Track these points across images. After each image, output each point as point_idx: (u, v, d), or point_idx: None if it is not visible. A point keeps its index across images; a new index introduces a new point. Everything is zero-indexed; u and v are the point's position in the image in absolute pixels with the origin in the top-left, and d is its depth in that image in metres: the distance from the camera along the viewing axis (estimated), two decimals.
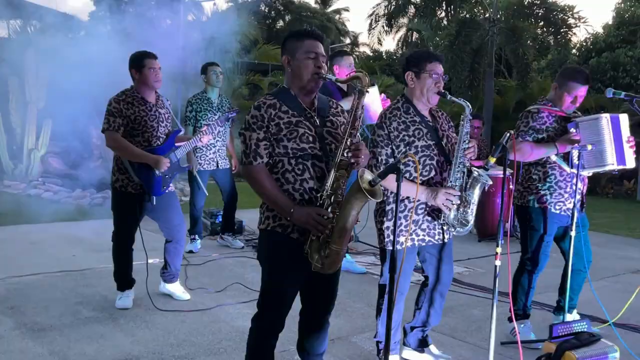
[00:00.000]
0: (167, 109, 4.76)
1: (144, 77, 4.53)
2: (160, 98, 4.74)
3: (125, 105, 4.47)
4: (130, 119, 4.48)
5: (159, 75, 4.57)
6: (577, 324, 3.52)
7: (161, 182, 4.59)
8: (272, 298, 2.93)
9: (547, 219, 4.12)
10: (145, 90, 4.58)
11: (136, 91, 4.57)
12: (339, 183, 2.77)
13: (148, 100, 4.59)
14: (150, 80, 4.53)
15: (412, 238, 3.47)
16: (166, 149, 4.64)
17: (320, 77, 2.89)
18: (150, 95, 4.63)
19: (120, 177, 4.57)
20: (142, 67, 4.52)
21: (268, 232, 2.88)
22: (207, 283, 5.38)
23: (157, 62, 4.59)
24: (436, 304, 3.76)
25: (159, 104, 4.69)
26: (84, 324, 4.32)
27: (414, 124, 3.45)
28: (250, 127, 2.81)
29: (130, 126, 4.49)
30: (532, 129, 4.09)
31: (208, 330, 4.26)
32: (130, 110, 4.48)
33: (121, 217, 4.68)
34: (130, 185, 4.54)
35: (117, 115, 4.44)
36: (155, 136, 4.59)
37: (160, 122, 4.64)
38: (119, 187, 4.59)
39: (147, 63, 4.52)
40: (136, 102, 4.52)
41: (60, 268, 5.73)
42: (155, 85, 4.58)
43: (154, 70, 4.53)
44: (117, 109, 4.45)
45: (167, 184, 4.66)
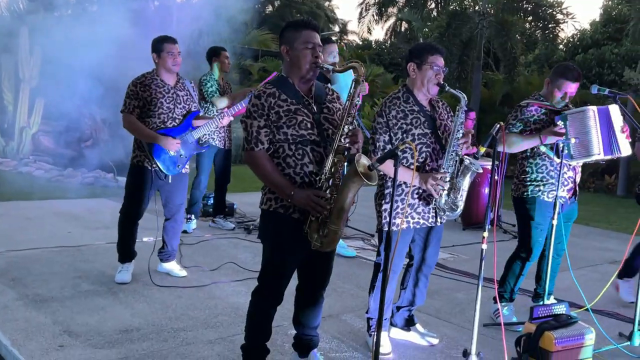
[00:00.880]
0: (188, 90, 4.94)
1: (162, 61, 4.76)
2: (181, 81, 4.93)
3: (141, 87, 4.70)
4: (147, 100, 4.69)
5: (177, 59, 4.77)
6: (556, 306, 3.73)
7: (177, 162, 4.79)
8: (273, 273, 3.12)
9: (540, 208, 4.33)
10: (164, 73, 4.80)
11: (156, 74, 4.80)
12: (337, 167, 2.96)
13: (167, 83, 4.79)
14: (168, 64, 4.75)
15: (408, 220, 3.67)
16: (182, 130, 4.82)
17: (317, 67, 3.06)
18: (170, 78, 4.83)
19: (139, 153, 4.79)
20: (161, 51, 4.74)
21: (270, 213, 3.06)
22: (201, 262, 5.55)
23: (177, 47, 4.79)
24: (421, 284, 3.97)
25: (178, 86, 4.88)
26: (85, 297, 4.48)
27: (413, 113, 3.63)
28: (252, 115, 2.98)
29: (147, 107, 4.70)
30: (520, 121, 4.30)
31: (204, 306, 4.43)
32: (147, 92, 4.69)
33: (133, 191, 4.86)
34: (147, 161, 4.74)
35: (133, 98, 4.68)
36: (172, 117, 4.77)
37: (178, 104, 4.82)
38: (136, 162, 4.80)
39: (165, 47, 4.74)
40: (154, 85, 4.73)
41: (57, 244, 5.87)
42: (173, 69, 4.79)
43: (172, 54, 4.74)
44: (134, 92, 4.69)
45: (182, 163, 4.86)
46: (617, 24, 19.45)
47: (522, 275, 4.54)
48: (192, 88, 5.00)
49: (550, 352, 3.47)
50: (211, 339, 3.83)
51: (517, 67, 17.83)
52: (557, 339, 3.48)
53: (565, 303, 3.81)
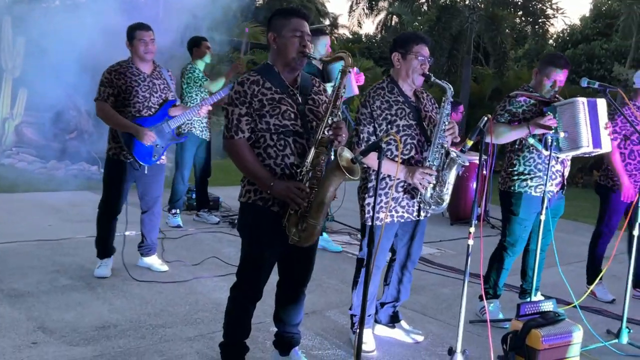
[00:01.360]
0: (165, 79, 4.82)
1: (134, 49, 4.63)
2: (158, 68, 4.81)
3: (116, 75, 4.57)
4: (122, 89, 4.56)
5: (149, 47, 4.64)
6: (543, 303, 3.66)
7: (152, 152, 4.66)
8: (251, 268, 3.03)
9: (526, 203, 4.25)
10: (138, 61, 4.67)
11: (131, 62, 4.67)
12: (319, 160, 2.86)
13: (142, 71, 4.67)
14: (140, 52, 4.62)
15: (392, 215, 3.57)
16: (157, 120, 4.70)
17: (304, 56, 2.96)
18: (145, 66, 4.70)
19: (114, 145, 4.66)
20: (133, 39, 4.62)
21: (249, 205, 2.97)
22: (183, 256, 5.44)
23: (150, 34, 4.65)
24: (405, 279, 3.88)
25: (155, 74, 4.75)
26: (62, 292, 4.36)
27: (397, 104, 3.53)
28: (233, 102, 2.88)
29: (122, 96, 4.57)
30: (508, 112, 4.22)
31: (185, 302, 4.33)
32: (122, 81, 4.56)
33: (110, 185, 4.74)
34: (122, 154, 4.62)
35: (107, 85, 4.55)
36: (147, 106, 4.65)
37: (154, 93, 4.69)
38: (111, 154, 4.67)
39: (137, 35, 4.61)
40: (129, 73, 4.60)
41: (37, 237, 5.73)
42: (145, 57, 4.65)
43: (144, 41, 4.61)
44: (108, 79, 4.56)
45: (158, 154, 4.73)
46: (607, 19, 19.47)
47: (505, 270, 4.47)
48: (170, 77, 4.88)
49: (537, 350, 3.40)
50: (190, 336, 3.73)
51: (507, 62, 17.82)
52: (544, 336, 3.42)
53: (553, 300, 3.75)
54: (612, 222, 5.09)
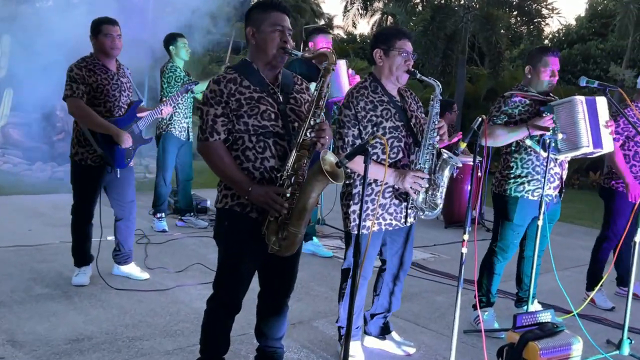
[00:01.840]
0: (128, 77, 4.58)
1: (99, 44, 4.34)
2: (122, 67, 4.56)
3: (87, 72, 4.29)
4: (92, 87, 4.30)
5: (115, 42, 4.36)
6: (541, 313, 3.48)
7: (125, 154, 4.44)
8: (228, 278, 2.84)
9: (522, 209, 4.06)
10: (104, 58, 4.40)
11: (96, 58, 4.39)
12: (300, 163, 2.67)
13: (109, 68, 4.42)
14: (107, 47, 4.34)
15: (379, 222, 3.38)
16: (128, 120, 4.47)
17: (285, 52, 2.77)
18: (111, 63, 4.45)
19: (79, 150, 4.39)
20: (98, 33, 4.34)
21: (226, 211, 2.78)
22: (167, 263, 5.23)
23: (117, 29, 4.39)
24: (396, 289, 3.69)
25: (120, 72, 4.51)
26: (36, 301, 4.15)
27: (382, 104, 3.34)
28: (208, 102, 2.69)
29: (92, 94, 4.31)
30: (504, 113, 4.03)
31: (166, 312, 4.13)
32: (92, 78, 4.30)
33: (80, 191, 4.52)
34: (90, 158, 4.37)
35: (80, 82, 4.26)
36: (118, 106, 4.42)
37: (122, 92, 4.47)
38: (78, 160, 4.41)
39: (103, 29, 4.33)
40: (97, 70, 4.34)
41: (15, 242, 5.52)
42: (111, 53, 4.38)
43: (111, 36, 4.34)
44: (80, 75, 4.27)
45: (130, 156, 4.51)
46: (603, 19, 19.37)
47: (497, 275, 4.28)
48: (130, 75, 4.62)
49: None
50: (169, 350, 3.53)
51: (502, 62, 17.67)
52: (542, 349, 3.24)
53: (551, 310, 3.56)
54: (617, 225, 4.91)
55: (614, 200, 4.90)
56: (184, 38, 6.49)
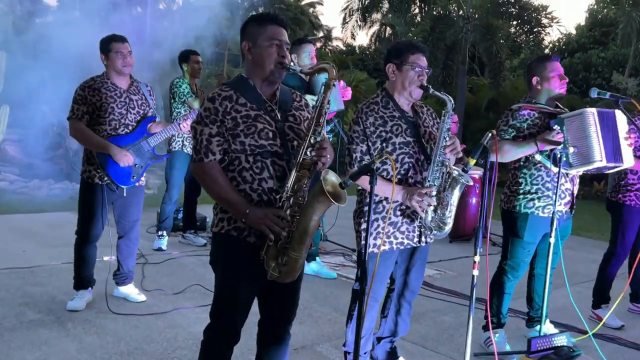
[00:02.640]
0: (143, 94, 4.47)
1: (111, 62, 4.29)
2: (135, 83, 4.47)
3: (90, 91, 4.23)
4: (96, 105, 4.22)
5: (127, 60, 4.30)
6: (557, 337, 3.32)
7: (131, 172, 4.32)
8: (225, 307, 2.68)
9: (533, 226, 3.90)
10: (115, 76, 4.33)
11: (106, 76, 4.33)
12: (301, 184, 2.51)
13: (118, 86, 4.33)
14: (118, 65, 4.28)
15: (391, 241, 3.23)
16: (135, 137, 4.35)
17: (283, 68, 2.62)
18: (121, 81, 4.36)
19: (87, 167, 4.32)
20: (109, 52, 4.28)
21: (222, 236, 2.62)
22: (165, 284, 5.06)
23: (127, 46, 4.32)
24: (403, 311, 3.53)
25: (132, 89, 4.42)
26: (28, 328, 3.98)
27: (393, 120, 3.20)
28: (203, 121, 2.54)
29: (97, 113, 4.24)
30: (512, 127, 3.87)
31: (162, 337, 3.95)
32: (96, 97, 4.22)
33: (86, 210, 4.39)
34: (98, 176, 4.28)
35: (81, 103, 4.22)
36: (124, 124, 4.31)
37: (131, 109, 4.35)
38: (86, 177, 4.33)
39: (113, 47, 4.27)
40: (103, 89, 4.26)
41: (8, 264, 5.34)
42: (123, 70, 4.31)
43: (122, 54, 4.27)
44: (82, 96, 4.23)
45: (137, 174, 4.39)
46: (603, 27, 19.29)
47: (508, 294, 4.11)
48: (149, 92, 4.53)
49: None
50: None
51: (503, 72, 17.61)
52: None
53: (567, 334, 3.39)
54: (626, 240, 4.75)
55: (621, 213, 4.75)
56: (198, 56, 6.41)
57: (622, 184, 4.70)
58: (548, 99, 3.94)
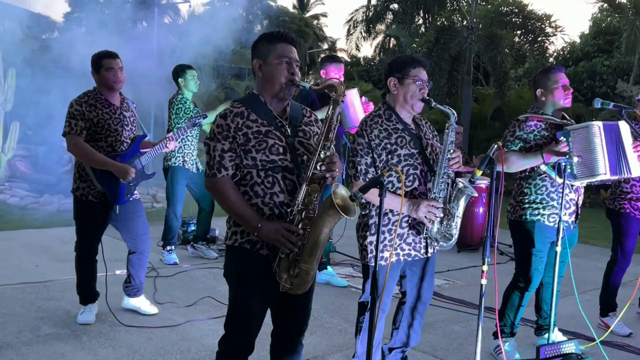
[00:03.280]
0: (133, 112, 4.50)
1: (102, 78, 4.27)
2: (126, 100, 4.48)
3: (87, 107, 4.20)
4: (93, 122, 4.21)
5: (118, 76, 4.29)
6: (565, 344, 3.36)
7: (125, 190, 4.33)
8: (239, 318, 2.73)
9: (540, 233, 3.95)
10: (107, 92, 4.32)
11: (99, 93, 4.31)
12: (311, 198, 2.58)
13: (112, 103, 4.34)
14: (109, 81, 4.27)
15: (397, 253, 3.28)
16: (131, 155, 4.38)
17: (293, 84, 2.69)
18: (114, 97, 4.37)
19: (81, 185, 4.30)
20: (99, 68, 4.26)
21: (235, 249, 2.69)
22: (177, 297, 5.13)
23: (118, 62, 4.31)
24: (415, 323, 3.57)
25: (124, 106, 4.43)
26: (44, 342, 4.05)
27: (397, 132, 3.26)
28: (215, 137, 2.62)
29: (93, 129, 4.22)
30: (519, 138, 3.93)
31: (176, 349, 4.01)
32: (93, 113, 4.21)
33: (83, 227, 4.42)
34: (92, 194, 4.28)
35: (79, 118, 4.17)
36: (120, 141, 4.33)
37: (125, 126, 4.38)
38: (79, 195, 4.32)
39: (105, 63, 4.25)
40: (99, 105, 4.26)
41: (22, 279, 5.42)
42: (114, 87, 4.31)
43: (113, 70, 4.26)
44: (79, 112, 4.18)
45: (131, 192, 4.40)
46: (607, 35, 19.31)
47: (522, 307, 4.14)
48: (135, 109, 4.55)
49: None
50: None
51: (508, 81, 17.65)
52: None
53: (575, 341, 3.43)
54: (627, 247, 4.79)
55: (619, 221, 4.80)
56: (193, 70, 6.40)
57: (617, 192, 4.76)
58: (554, 111, 3.99)
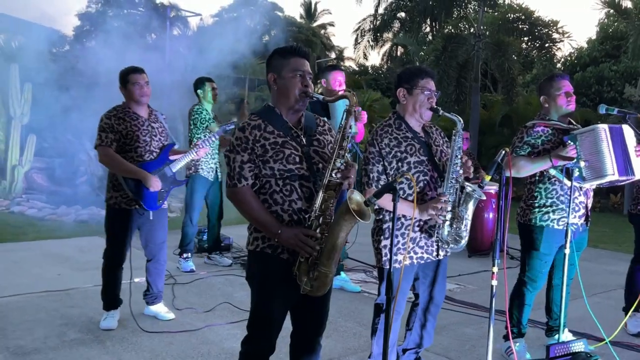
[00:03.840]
0: (161, 122, 4.72)
1: (129, 93, 4.51)
2: (154, 112, 4.71)
3: (116, 120, 4.45)
4: (122, 134, 4.45)
5: (144, 90, 4.52)
6: (574, 343, 3.47)
7: (157, 197, 4.55)
8: (261, 320, 2.87)
9: (548, 238, 4.07)
10: (135, 105, 4.56)
11: (127, 107, 4.55)
12: (328, 204, 2.72)
13: (140, 115, 4.56)
14: (136, 96, 4.50)
15: (411, 256, 3.41)
16: (159, 163, 4.59)
17: (307, 96, 2.84)
18: (142, 110, 4.60)
19: (114, 194, 4.52)
20: (126, 83, 4.51)
21: (257, 254, 2.83)
22: (195, 303, 5.28)
23: (144, 77, 4.55)
24: (428, 324, 3.69)
25: (152, 118, 4.65)
26: (70, 347, 4.20)
27: (406, 140, 3.41)
28: (235, 149, 2.77)
29: (122, 141, 4.46)
30: (527, 144, 4.06)
31: (197, 353, 4.15)
32: (122, 126, 4.45)
33: (114, 235, 4.62)
34: (124, 202, 4.49)
35: (109, 131, 4.42)
36: (149, 150, 4.54)
37: (154, 136, 4.59)
38: (112, 204, 4.54)
39: (131, 79, 4.50)
40: (127, 117, 4.49)
41: (45, 288, 5.58)
42: (141, 100, 4.54)
43: (139, 85, 4.50)
44: (109, 125, 4.43)
45: (163, 198, 4.62)
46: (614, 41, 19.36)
47: (528, 306, 4.26)
48: (164, 120, 4.77)
49: None
50: None
51: (516, 88, 17.73)
52: None
53: (584, 340, 3.55)
54: None
55: None
56: (213, 82, 6.65)
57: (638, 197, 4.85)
58: (559, 116, 4.12)
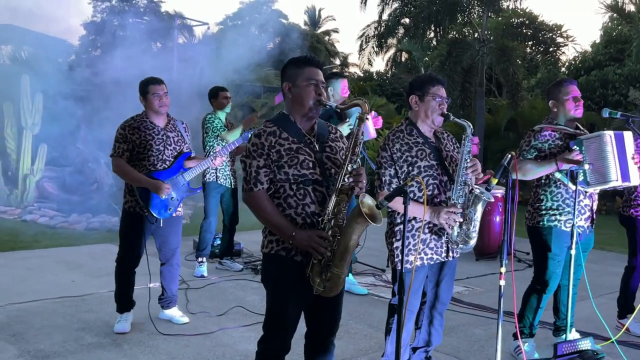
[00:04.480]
0: (179, 131, 4.83)
1: (149, 103, 4.66)
2: (172, 122, 4.83)
3: (130, 130, 4.60)
4: (136, 143, 4.59)
5: (163, 100, 4.67)
6: (581, 341, 3.55)
7: (167, 205, 4.65)
8: (276, 320, 2.97)
9: (558, 238, 4.16)
10: (153, 115, 4.70)
11: (145, 116, 4.71)
12: (340, 207, 2.83)
13: (156, 124, 4.69)
14: (155, 106, 4.65)
15: (421, 257, 3.52)
16: (173, 172, 4.70)
17: (321, 104, 2.96)
18: (159, 119, 4.73)
19: (130, 198, 4.67)
20: (146, 93, 4.66)
21: (272, 256, 2.93)
22: (208, 307, 5.38)
23: (163, 87, 4.69)
24: (436, 322, 3.79)
25: (169, 127, 4.78)
26: (88, 350, 4.31)
27: (417, 145, 3.52)
28: (251, 155, 2.88)
29: (136, 150, 4.60)
30: (534, 148, 4.16)
31: (212, 355, 4.26)
32: (136, 135, 4.59)
33: (127, 238, 4.75)
34: (139, 207, 4.63)
35: (122, 141, 4.59)
36: (162, 159, 4.66)
37: (168, 146, 4.71)
38: (128, 207, 4.69)
39: (150, 89, 4.65)
40: (143, 127, 4.63)
41: (60, 294, 5.70)
42: (160, 110, 4.69)
43: (158, 95, 4.64)
44: (122, 135, 4.60)
45: (174, 206, 4.72)
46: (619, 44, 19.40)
47: (541, 309, 4.34)
48: (185, 129, 4.90)
49: None
50: None
51: (520, 92, 17.77)
52: None
53: (590, 338, 3.63)
54: None
55: (635, 227, 4.96)
56: (226, 91, 6.81)
57: (632, 199, 4.93)
58: (567, 121, 4.22)
